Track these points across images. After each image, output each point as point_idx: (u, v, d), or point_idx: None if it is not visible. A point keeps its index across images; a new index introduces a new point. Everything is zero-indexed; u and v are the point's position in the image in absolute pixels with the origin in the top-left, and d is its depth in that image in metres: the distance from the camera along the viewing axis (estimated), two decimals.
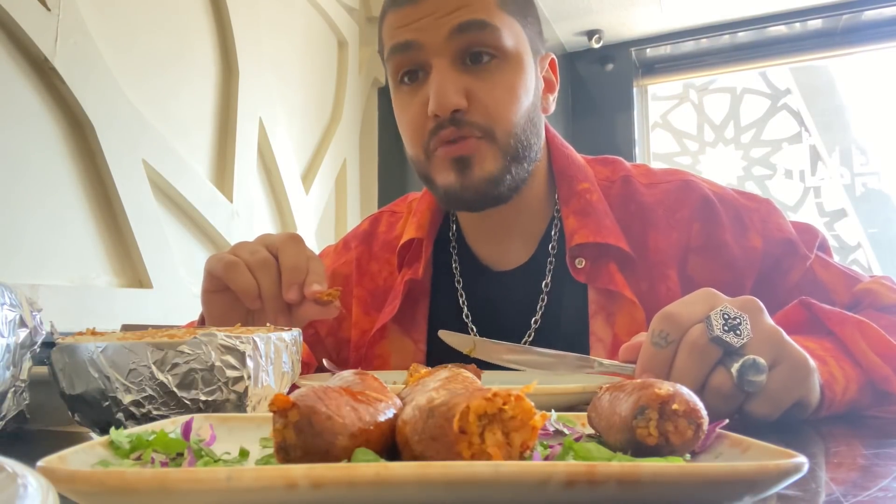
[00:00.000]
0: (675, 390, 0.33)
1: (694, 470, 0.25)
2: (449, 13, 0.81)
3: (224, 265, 0.73)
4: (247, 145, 2.29)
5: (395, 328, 0.93)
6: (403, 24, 0.83)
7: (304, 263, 0.74)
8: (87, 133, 1.72)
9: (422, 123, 0.83)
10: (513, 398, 0.28)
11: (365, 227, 1.06)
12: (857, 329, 0.65)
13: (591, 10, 3.41)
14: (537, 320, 0.90)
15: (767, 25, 3.54)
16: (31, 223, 1.57)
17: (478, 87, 0.81)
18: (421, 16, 0.82)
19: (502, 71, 0.82)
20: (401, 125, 0.89)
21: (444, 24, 0.81)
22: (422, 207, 0.98)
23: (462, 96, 0.80)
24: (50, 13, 1.60)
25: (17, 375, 0.52)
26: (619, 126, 3.77)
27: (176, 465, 0.34)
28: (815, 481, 0.35)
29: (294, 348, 0.56)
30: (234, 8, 2.24)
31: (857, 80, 3.79)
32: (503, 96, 0.82)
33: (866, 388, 0.63)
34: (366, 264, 1.01)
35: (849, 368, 0.63)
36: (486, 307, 0.93)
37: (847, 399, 0.61)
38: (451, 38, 0.80)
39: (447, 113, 0.80)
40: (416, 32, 0.82)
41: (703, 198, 0.88)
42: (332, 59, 2.88)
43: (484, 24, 0.81)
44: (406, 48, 0.83)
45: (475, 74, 0.82)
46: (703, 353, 0.53)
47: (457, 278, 0.95)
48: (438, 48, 0.81)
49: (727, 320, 0.52)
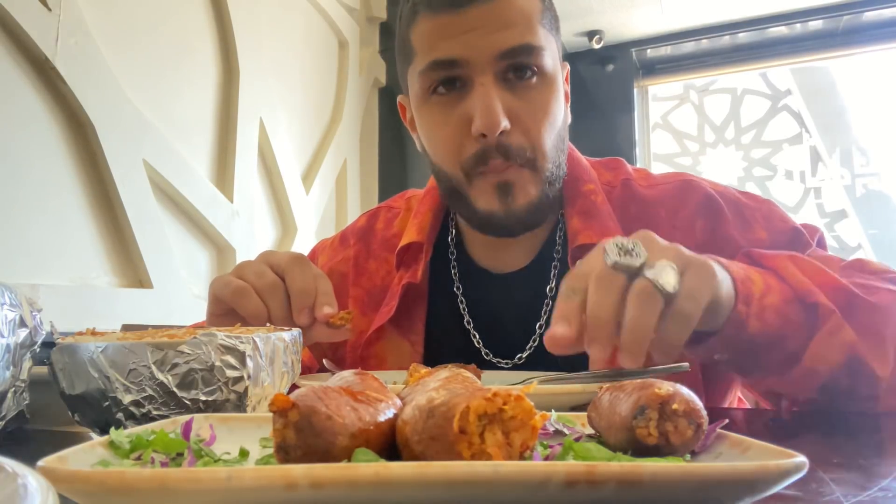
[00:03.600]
0: (675, 390, 0.33)
1: (694, 470, 0.25)
2: (496, 31, 0.78)
3: (232, 291, 0.72)
4: (247, 145, 2.29)
5: (393, 330, 0.91)
6: (446, 37, 0.79)
7: (313, 285, 0.73)
8: (88, 133, 1.72)
9: (461, 141, 0.81)
10: (513, 398, 0.28)
11: (363, 223, 1.04)
12: (789, 259, 0.70)
13: (591, 11, 3.41)
14: (542, 325, 0.87)
15: (768, 26, 3.54)
16: (31, 223, 1.57)
17: (519, 107, 0.80)
18: (465, 29, 0.78)
19: (540, 90, 0.81)
20: (432, 139, 0.86)
21: (492, 45, 0.78)
22: (423, 209, 0.96)
23: (506, 116, 0.78)
24: (50, 13, 1.60)
25: (17, 375, 0.52)
26: (619, 127, 3.77)
27: (176, 465, 0.34)
28: (815, 481, 0.35)
29: (294, 348, 0.56)
30: (235, 8, 2.24)
31: (857, 81, 3.79)
32: (543, 117, 0.81)
33: (794, 303, 0.66)
34: (363, 262, 0.99)
35: (773, 281, 0.66)
36: (487, 312, 0.91)
37: (769, 303, 0.64)
38: (498, 59, 0.78)
39: (495, 134, 0.78)
40: (462, 49, 0.78)
41: (705, 195, 0.87)
42: (333, 60, 2.88)
43: (531, 48, 0.79)
44: (450, 65, 0.79)
45: (516, 93, 0.80)
46: (609, 281, 0.55)
47: (455, 284, 0.94)
48: (484, 67, 0.78)
49: (620, 247, 0.55)
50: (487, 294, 0.92)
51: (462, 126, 0.80)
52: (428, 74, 0.81)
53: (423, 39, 0.82)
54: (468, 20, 0.78)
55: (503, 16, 0.78)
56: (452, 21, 0.78)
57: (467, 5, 0.78)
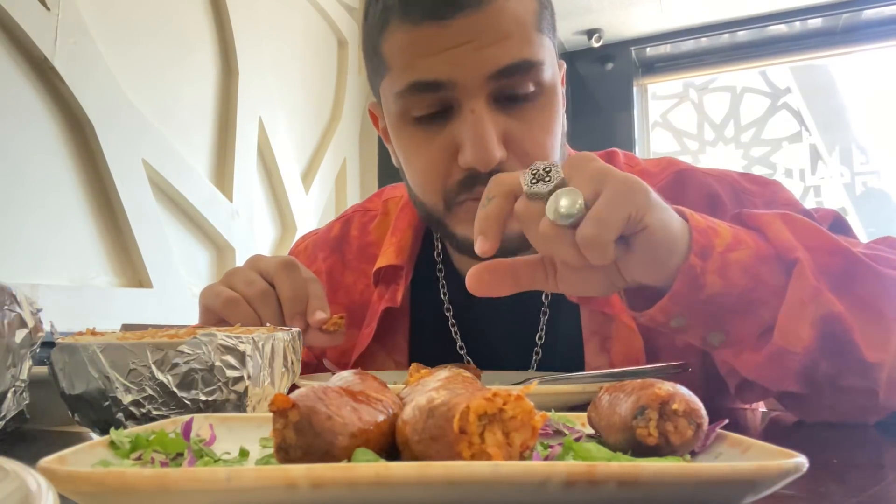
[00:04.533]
0: (675, 390, 0.33)
1: (694, 470, 0.25)
2: (488, 45, 0.66)
3: (222, 302, 0.70)
4: (247, 145, 2.29)
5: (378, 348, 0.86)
6: (427, 54, 0.67)
7: (304, 290, 0.71)
8: (87, 133, 1.72)
9: (444, 170, 0.71)
10: (513, 398, 0.28)
11: (336, 231, 0.95)
12: (779, 217, 0.60)
13: (590, 9, 3.41)
14: (538, 350, 0.82)
15: (767, 24, 3.54)
16: (30, 223, 1.57)
17: (515, 130, 0.69)
18: (452, 44, 0.65)
19: (540, 107, 0.71)
20: (411, 167, 0.75)
21: (485, 63, 0.66)
22: (402, 225, 0.87)
23: (502, 145, 0.68)
24: (49, 13, 1.60)
25: (17, 375, 0.52)
26: (619, 125, 3.77)
27: (176, 465, 0.34)
28: (815, 481, 0.35)
29: (294, 348, 0.56)
30: (234, 8, 2.24)
31: (857, 80, 3.79)
32: (543, 138, 0.71)
33: (771, 262, 0.56)
34: (339, 276, 0.91)
35: (748, 238, 0.57)
36: (480, 335, 0.85)
37: (735, 259, 0.55)
38: (492, 79, 0.67)
39: (490, 168, 0.67)
40: (449, 69, 0.66)
41: (700, 185, 0.81)
42: (332, 59, 2.88)
43: (530, 65, 0.68)
44: (434, 88, 0.67)
45: (511, 114, 0.70)
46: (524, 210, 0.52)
47: (446, 305, 0.86)
48: (475, 89, 0.67)
49: (535, 173, 0.52)
50: (479, 315, 0.85)
51: (448, 156, 0.70)
52: (406, 98, 0.70)
53: (398, 54, 0.69)
54: (454, 33, 0.65)
55: (495, 26, 0.66)
56: (435, 34, 0.66)
57: (452, 16, 0.65)
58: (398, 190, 0.96)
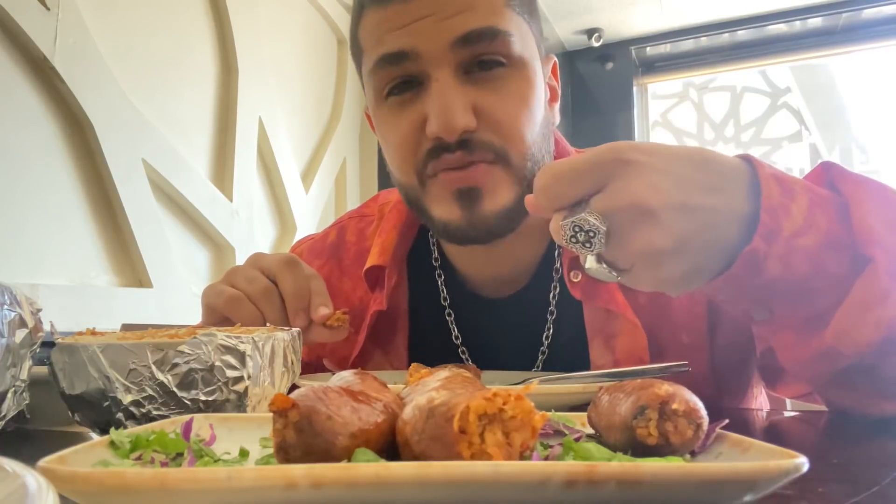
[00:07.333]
0: (675, 390, 0.33)
1: (694, 470, 0.25)
2: (451, 16, 0.68)
3: (225, 300, 0.70)
4: (246, 144, 2.29)
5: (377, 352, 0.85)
6: (393, 28, 0.69)
7: (306, 286, 0.72)
8: (87, 132, 1.72)
9: (415, 144, 0.71)
10: (513, 398, 0.28)
11: (332, 238, 0.95)
12: (876, 194, 0.53)
13: (590, 9, 3.41)
14: (545, 350, 0.81)
15: (767, 24, 3.54)
16: (30, 223, 1.57)
17: (486, 101, 0.69)
18: (415, 17, 0.68)
19: (512, 80, 0.71)
20: (387, 147, 0.76)
21: (447, 31, 0.68)
22: (387, 227, 0.86)
23: (471, 114, 0.68)
24: (49, 13, 1.60)
25: (17, 375, 0.52)
26: (619, 125, 3.77)
27: (176, 465, 0.34)
28: (815, 481, 0.35)
29: (294, 348, 0.56)
30: (234, 7, 2.24)
31: (857, 79, 3.79)
32: (516, 110, 0.70)
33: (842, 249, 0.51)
34: (336, 283, 0.90)
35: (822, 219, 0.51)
36: (483, 339, 0.84)
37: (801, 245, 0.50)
38: (456, 47, 0.68)
39: (455, 137, 0.68)
40: (412, 38, 0.68)
41: None
42: (332, 58, 2.88)
43: (495, 33, 0.69)
44: (399, 59, 0.69)
45: (482, 85, 0.70)
46: None
47: (447, 310, 0.85)
48: (439, 58, 0.68)
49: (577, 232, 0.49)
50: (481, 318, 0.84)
51: (416, 128, 0.71)
52: (377, 73, 0.72)
53: (369, 35, 0.72)
54: (418, 7, 0.68)
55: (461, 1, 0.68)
56: (401, 10, 0.69)
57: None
58: (393, 194, 0.95)
